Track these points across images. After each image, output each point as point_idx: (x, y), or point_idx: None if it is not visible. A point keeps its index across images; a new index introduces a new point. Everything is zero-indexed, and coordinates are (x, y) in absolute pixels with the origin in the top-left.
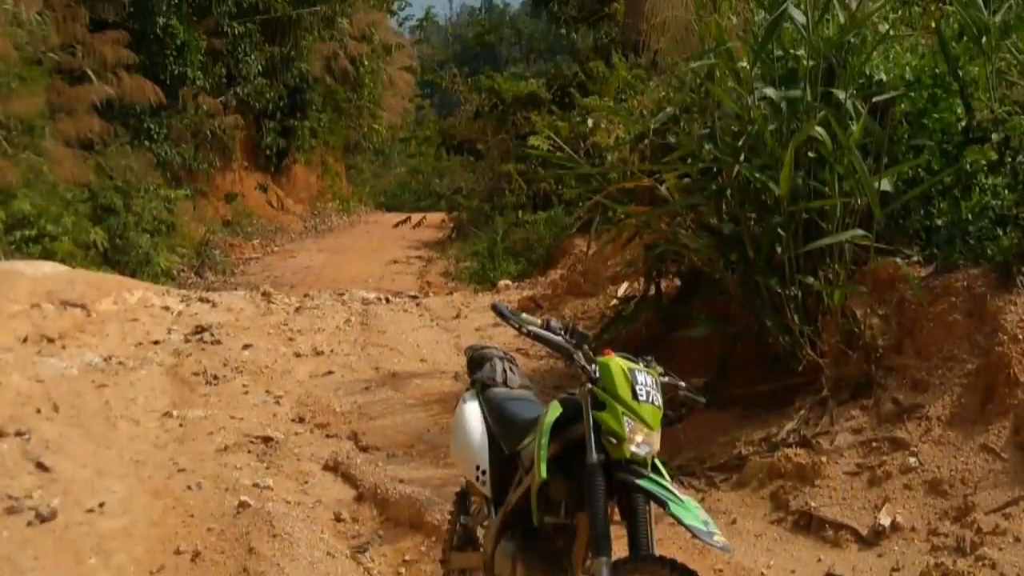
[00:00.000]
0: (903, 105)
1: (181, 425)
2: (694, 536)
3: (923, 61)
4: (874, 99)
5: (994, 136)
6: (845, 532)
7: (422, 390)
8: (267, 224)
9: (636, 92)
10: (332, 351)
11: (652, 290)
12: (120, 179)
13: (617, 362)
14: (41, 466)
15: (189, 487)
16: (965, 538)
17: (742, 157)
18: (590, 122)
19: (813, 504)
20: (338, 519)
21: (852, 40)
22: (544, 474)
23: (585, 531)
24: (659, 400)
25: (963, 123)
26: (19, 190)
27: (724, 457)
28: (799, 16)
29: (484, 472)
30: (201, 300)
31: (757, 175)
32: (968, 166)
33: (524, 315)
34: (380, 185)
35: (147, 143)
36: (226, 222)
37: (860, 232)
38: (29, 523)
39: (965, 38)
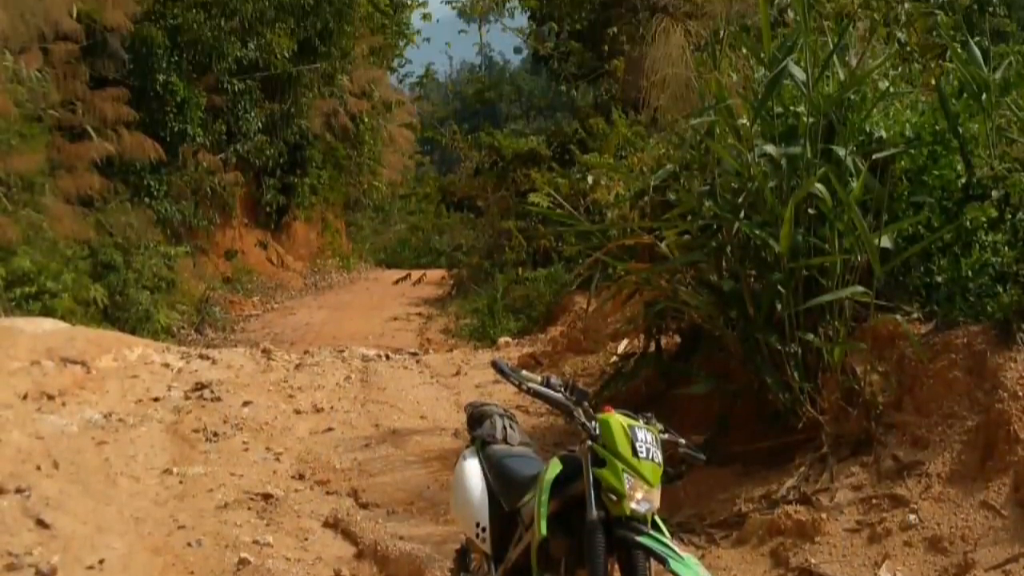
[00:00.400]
0: (903, 162)
1: (181, 482)
2: None
3: (923, 118)
4: (874, 156)
5: (994, 193)
6: None
7: (422, 447)
8: (267, 281)
9: (636, 149)
10: (332, 408)
11: (652, 347)
12: (120, 236)
13: (617, 419)
14: (41, 523)
15: (189, 544)
16: None
17: (742, 214)
18: (590, 179)
19: (813, 561)
20: None
21: (852, 97)
22: (544, 531)
23: None
24: (659, 457)
25: (963, 180)
26: (19, 247)
27: (724, 514)
28: (799, 73)
29: (484, 529)
30: (201, 357)
31: (757, 232)
32: (968, 223)
33: (524, 372)
34: (380, 242)
35: (147, 200)
36: (226, 279)
37: (860, 289)
38: None
39: (965, 95)
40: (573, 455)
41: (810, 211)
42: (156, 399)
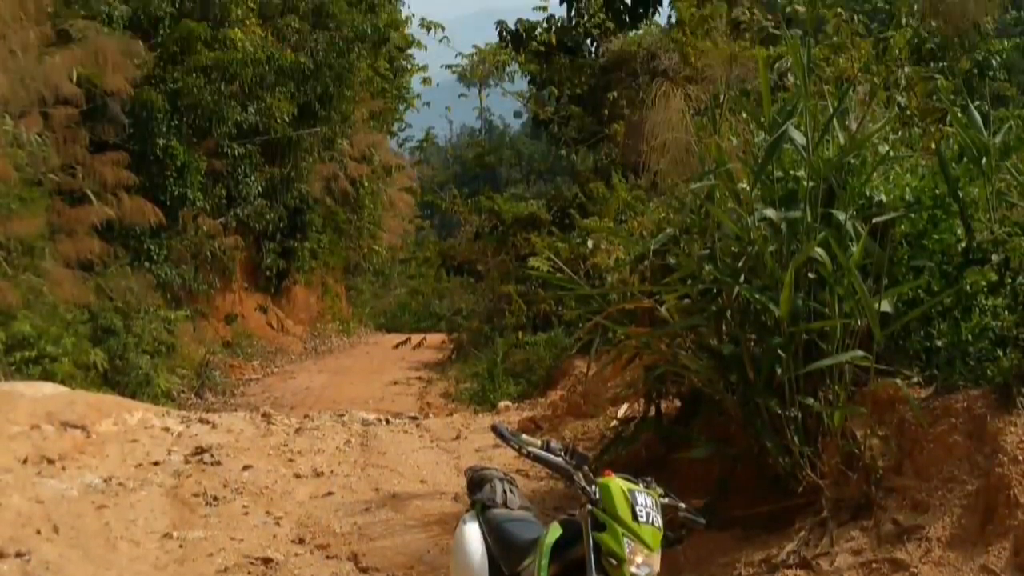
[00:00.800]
0: (903, 226)
1: (181, 546)
2: None
3: (923, 182)
4: (874, 220)
5: (994, 257)
6: None
7: (422, 511)
8: (267, 345)
9: (636, 213)
10: (332, 472)
11: (652, 411)
12: (120, 300)
13: (617, 483)
14: None
15: None
16: None
17: (742, 278)
18: (590, 243)
19: None
20: None
21: (852, 161)
22: None
23: None
24: (659, 521)
25: (963, 244)
26: (19, 311)
27: None
28: (799, 137)
29: None
30: (201, 421)
31: (757, 296)
32: (968, 287)
33: (524, 436)
34: (380, 306)
35: (147, 264)
36: (226, 343)
37: (860, 353)
38: None
39: (965, 159)
40: (573, 519)
41: (810, 275)
42: (156, 463)
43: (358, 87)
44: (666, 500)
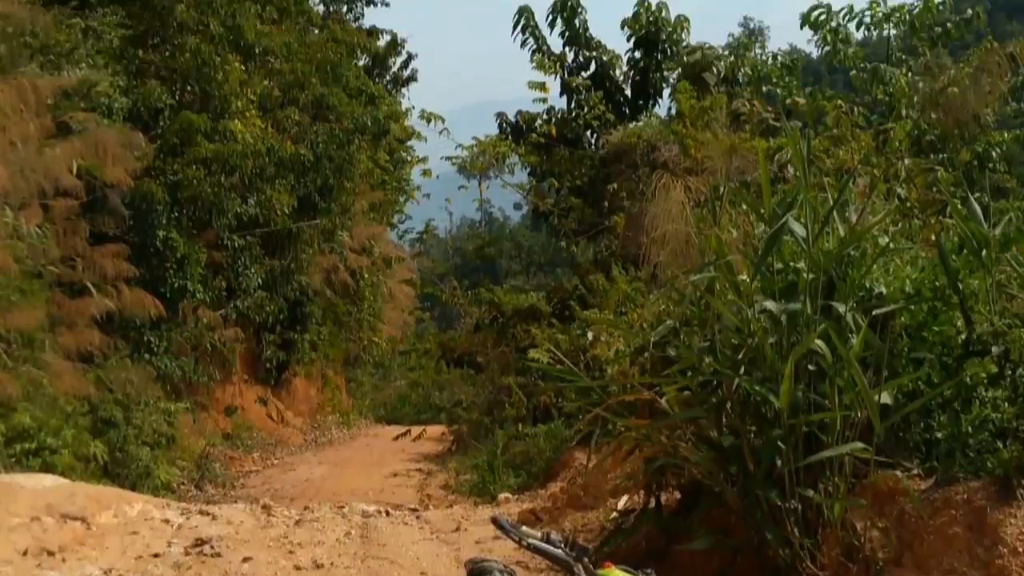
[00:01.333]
0: (903, 318)
1: None
2: None
3: (923, 274)
4: (874, 312)
5: (994, 349)
6: None
7: None
8: (267, 437)
9: (636, 305)
10: (332, 564)
11: (652, 503)
12: (120, 392)
13: (617, 575)
14: None
15: None
16: None
17: (742, 370)
18: (590, 335)
19: None
20: None
21: (852, 253)
22: None
23: None
24: None
25: (963, 336)
26: (19, 403)
27: None
28: (799, 229)
29: None
30: (201, 513)
31: (757, 388)
32: (968, 379)
33: (524, 528)
34: (380, 398)
35: (147, 356)
36: (226, 435)
37: (860, 445)
38: None
39: (965, 251)
40: None
41: (810, 367)
42: (156, 555)
43: (358, 179)
44: None
